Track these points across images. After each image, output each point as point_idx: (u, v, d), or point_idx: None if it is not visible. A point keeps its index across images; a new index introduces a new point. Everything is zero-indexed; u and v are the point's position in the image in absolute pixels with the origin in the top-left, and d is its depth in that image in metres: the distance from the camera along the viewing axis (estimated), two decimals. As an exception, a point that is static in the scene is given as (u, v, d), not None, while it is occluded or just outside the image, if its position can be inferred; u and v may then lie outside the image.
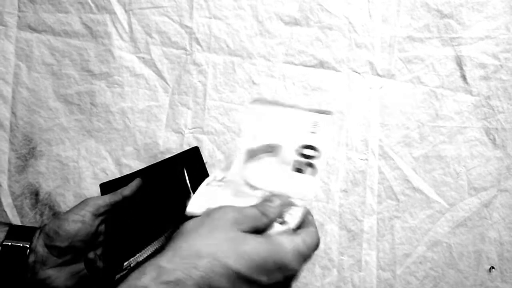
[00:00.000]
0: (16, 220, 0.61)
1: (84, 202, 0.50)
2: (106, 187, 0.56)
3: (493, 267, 0.61)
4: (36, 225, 0.62)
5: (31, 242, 0.47)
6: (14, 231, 0.49)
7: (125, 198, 0.52)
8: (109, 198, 0.51)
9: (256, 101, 0.44)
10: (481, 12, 0.64)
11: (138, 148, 0.63)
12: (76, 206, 0.50)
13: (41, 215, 0.62)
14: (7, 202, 0.61)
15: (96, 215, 0.50)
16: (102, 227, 0.52)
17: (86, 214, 0.49)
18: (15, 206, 0.62)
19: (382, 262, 0.62)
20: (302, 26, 0.65)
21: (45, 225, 0.49)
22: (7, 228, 0.49)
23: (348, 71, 0.64)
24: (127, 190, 0.53)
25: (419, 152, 0.63)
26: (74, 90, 0.64)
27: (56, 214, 0.62)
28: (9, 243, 0.47)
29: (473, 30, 0.64)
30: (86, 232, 0.48)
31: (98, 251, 0.51)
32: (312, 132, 0.42)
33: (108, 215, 0.51)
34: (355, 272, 0.61)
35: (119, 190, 0.53)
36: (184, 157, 0.55)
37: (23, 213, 0.62)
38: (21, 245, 0.47)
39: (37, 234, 0.48)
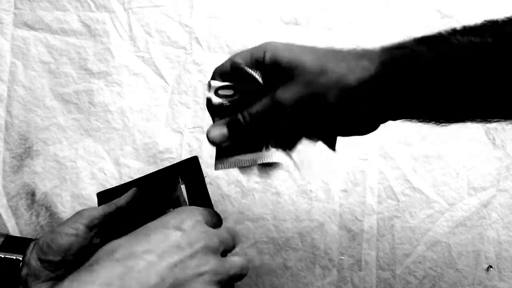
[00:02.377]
0: (11, 221, 0.60)
1: (78, 214, 0.49)
2: (104, 196, 0.55)
3: (491, 266, 0.62)
4: (32, 226, 0.60)
5: (24, 255, 0.46)
6: (9, 242, 0.48)
7: (119, 209, 0.51)
8: (103, 209, 0.50)
9: None
10: (481, 12, 0.65)
11: (137, 147, 0.62)
12: (69, 219, 0.48)
13: (37, 216, 0.61)
14: (2, 203, 0.60)
15: (90, 228, 0.48)
16: (97, 240, 0.50)
17: (79, 227, 0.47)
18: (10, 207, 0.60)
19: (382, 262, 0.62)
20: (302, 26, 0.65)
21: (39, 238, 0.48)
22: (1, 239, 0.48)
23: (348, 71, 0.64)
24: (121, 200, 0.51)
25: (419, 152, 0.63)
26: (72, 89, 0.63)
27: (52, 215, 0.61)
28: (2, 256, 0.46)
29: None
30: (80, 246, 0.47)
31: None
32: None
33: (103, 226, 0.50)
34: (355, 272, 0.61)
35: (113, 201, 0.51)
36: (182, 167, 0.54)
37: (19, 214, 0.60)
38: (14, 258, 0.46)
39: (31, 247, 0.47)
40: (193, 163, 0.53)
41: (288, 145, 0.38)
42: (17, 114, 0.62)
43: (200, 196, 0.51)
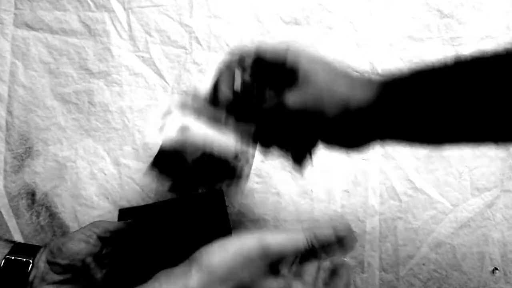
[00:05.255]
0: (11, 221, 0.60)
1: (93, 223, 0.50)
2: (125, 213, 0.55)
3: (496, 268, 0.61)
4: (32, 226, 0.61)
5: (34, 258, 0.47)
6: (18, 248, 0.48)
7: (132, 228, 0.52)
8: (118, 225, 0.51)
9: None
10: (481, 12, 0.64)
11: (137, 147, 0.62)
12: (84, 226, 0.50)
13: (38, 216, 0.61)
14: (3, 202, 0.60)
15: (102, 238, 0.49)
16: (106, 251, 0.51)
17: (92, 235, 0.48)
18: (11, 207, 0.60)
19: (385, 264, 0.61)
20: (303, 25, 0.65)
21: (51, 241, 0.49)
22: (11, 245, 0.48)
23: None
24: (131, 225, 0.52)
25: (421, 152, 0.63)
26: (71, 89, 0.63)
27: (52, 215, 0.61)
28: (12, 257, 0.46)
29: (473, 30, 0.64)
30: (89, 252, 0.48)
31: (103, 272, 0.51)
32: None
33: (116, 240, 0.51)
34: (357, 273, 0.61)
35: (127, 221, 0.52)
36: (206, 198, 0.54)
37: (19, 214, 0.60)
38: (24, 260, 0.46)
39: (41, 250, 0.48)
40: (217, 196, 0.54)
41: (290, 149, 0.42)
42: (18, 114, 0.62)
43: (221, 227, 0.52)
